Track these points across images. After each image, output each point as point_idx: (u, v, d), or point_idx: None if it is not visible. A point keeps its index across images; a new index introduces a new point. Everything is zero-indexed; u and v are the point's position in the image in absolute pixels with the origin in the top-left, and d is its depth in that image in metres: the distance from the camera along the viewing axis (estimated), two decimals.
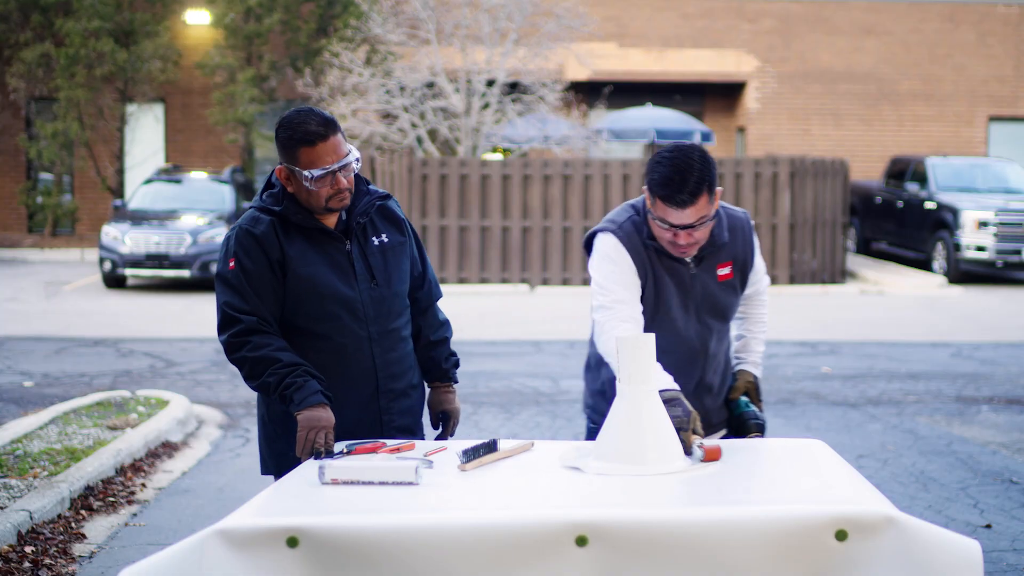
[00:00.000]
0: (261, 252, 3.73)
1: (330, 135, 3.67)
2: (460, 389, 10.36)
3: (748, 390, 4.08)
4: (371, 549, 2.83)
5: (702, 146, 3.73)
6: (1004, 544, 6.23)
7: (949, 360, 12.35)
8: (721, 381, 4.04)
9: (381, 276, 3.86)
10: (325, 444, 3.58)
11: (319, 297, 3.77)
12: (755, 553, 2.82)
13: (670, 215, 3.65)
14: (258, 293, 3.73)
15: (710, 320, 3.90)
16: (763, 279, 4.14)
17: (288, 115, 3.74)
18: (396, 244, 3.92)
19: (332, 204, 3.73)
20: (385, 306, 3.86)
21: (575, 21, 20.54)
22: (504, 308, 16.48)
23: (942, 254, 19.85)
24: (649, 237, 3.80)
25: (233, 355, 3.73)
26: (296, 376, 3.65)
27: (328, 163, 3.67)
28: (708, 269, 3.88)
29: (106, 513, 6.83)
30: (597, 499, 3.09)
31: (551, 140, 20.26)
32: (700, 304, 3.88)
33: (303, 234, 3.78)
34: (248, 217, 3.80)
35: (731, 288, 3.94)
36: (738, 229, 3.94)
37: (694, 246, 3.74)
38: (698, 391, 3.93)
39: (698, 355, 3.90)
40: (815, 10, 26.04)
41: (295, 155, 3.68)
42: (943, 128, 26.32)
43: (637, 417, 3.31)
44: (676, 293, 3.84)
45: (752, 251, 3.99)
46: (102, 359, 12.15)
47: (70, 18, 22.65)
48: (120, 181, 24.22)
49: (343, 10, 22.89)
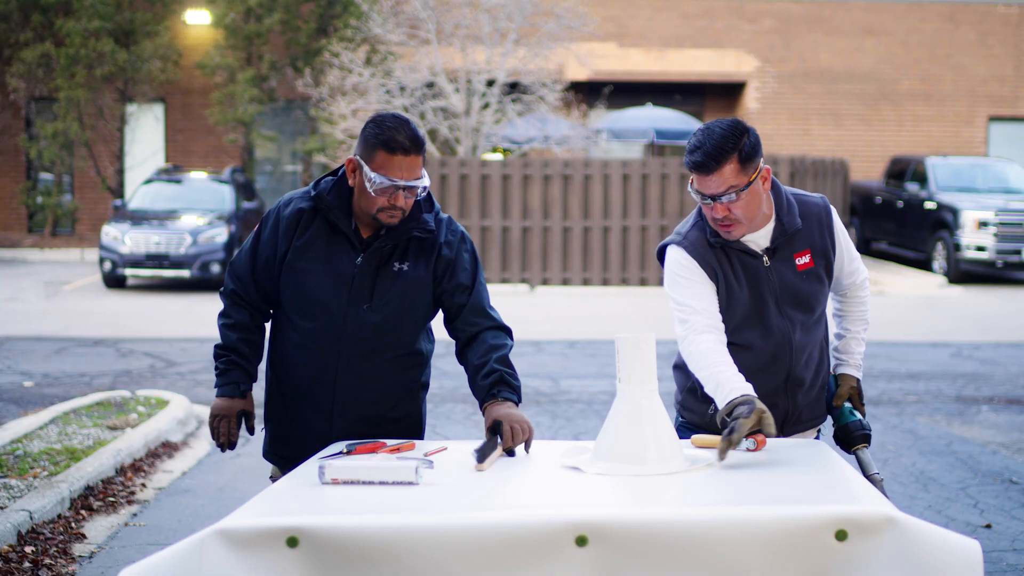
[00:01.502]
0: (274, 232, 3.81)
1: (412, 153, 3.62)
2: (461, 389, 10.36)
3: (851, 395, 3.96)
4: (371, 549, 2.83)
5: (742, 120, 3.68)
6: (1004, 544, 6.23)
7: (949, 360, 12.35)
8: (815, 375, 3.90)
9: (380, 301, 3.75)
10: (228, 433, 3.91)
11: (301, 294, 3.78)
12: (755, 553, 2.82)
13: (698, 183, 3.63)
14: (261, 264, 3.84)
15: (793, 312, 3.78)
16: (859, 270, 3.97)
17: (383, 115, 3.70)
18: (415, 278, 3.78)
19: (381, 217, 3.67)
20: (369, 330, 3.75)
21: (575, 21, 20.54)
22: (504, 308, 16.40)
23: (942, 254, 19.85)
24: (713, 235, 3.74)
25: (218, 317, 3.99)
26: (221, 362, 3.93)
27: (399, 177, 3.62)
28: (784, 260, 3.77)
29: (106, 513, 6.83)
30: (597, 499, 3.09)
31: (551, 140, 20.26)
32: (780, 297, 3.76)
33: (327, 229, 3.76)
34: (290, 195, 3.88)
35: (815, 277, 3.80)
36: (812, 216, 3.81)
37: (736, 224, 3.65)
38: (788, 386, 3.82)
39: (783, 349, 3.78)
40: (815, 10, 26.04)
41: (372, 153, 3.64)
42: (943, 128, 26.32)
43: (637, 417, 3.31)
44: (751, 289, 3.75)
45: (832, 237, 3.83)
46: (102, 359, 12.15)
47: (70, 18, 22.65)
48: (120, 181, 24.23)
49: (343, 10, 22.89)
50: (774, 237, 3.75)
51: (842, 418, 3.93)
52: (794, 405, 3.85)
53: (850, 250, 3.92)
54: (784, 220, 3.75)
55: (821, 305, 3.86)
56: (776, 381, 3.79)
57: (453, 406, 9.73)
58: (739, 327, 3.75)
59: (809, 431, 3.97)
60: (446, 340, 4.13)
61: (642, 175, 18.83)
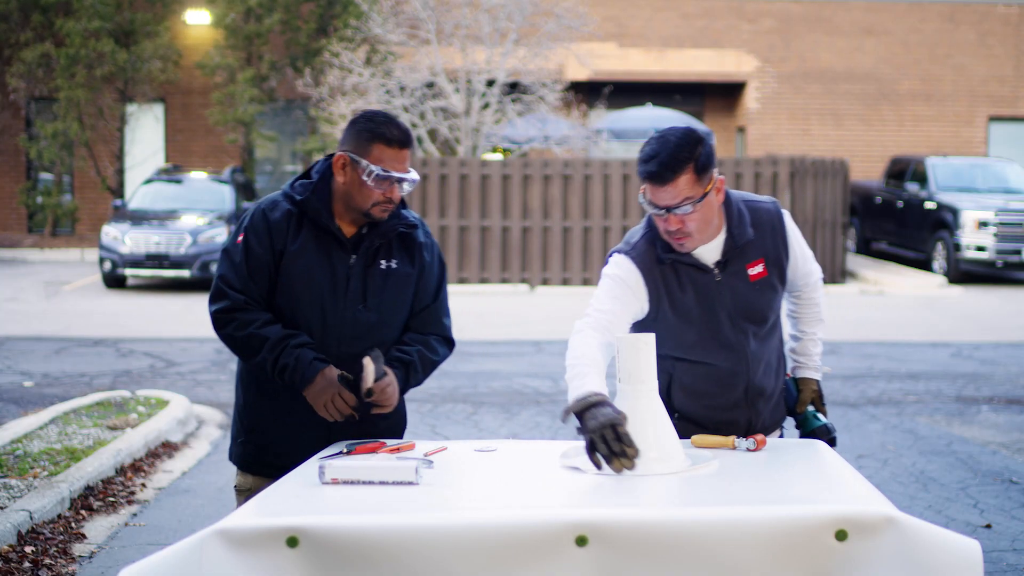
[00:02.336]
0: (267, 237, 3.72)
1: (407, 147, 3.69)
2: (461, 389, 10.38)
3: (813, 399, 3.90)
4: (371, 549, 2.83)
5: (697, 129, 3.58)
6: (1004, 544, 6.23)
7: (949, 360, 12.35)
8: (775, 382, 3.83)
9: (373, 301, 3.76)
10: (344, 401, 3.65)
11: (300, 299, 3.73)
12: (755, 553, 2.82)
13: (651, 193, 3.53)
14: (252, 275, 3.72)
15: (746, 324, 3.69)
16: (813, 272, 3.88)
17: (372, 111, 3.74)
18: (403, 275, 3.81)
19: (375, 211, 3.69)
20: (365, 330, 3.76)
21: (575, 21, 20.54)
22: (504, 308, 16.48)
23: (942, 254, 19.85)
24: (665, 250, 3.65)
25: (220, 331, 3.75)
26: (287, 357, 3.66)
27: (396, 169, 3.66)
28: (736, 272, 3.67)
29: (106, 513, 6.83)
30: (597, 499, 3.09)
31: (551, 140, 20.27)
32: (733, 311, 3.67)
33: (314, 233, 3.73)
34: (270, 200, 3.79)
35: (768, 286, 3.71)
36: (765, 223, 3.71)
37: (687, 237, 3.57)
38: (749, 397, 3.75)
39: (739, 363, 3.71)
40: (815, 10, 26.05)
41: (368, 148, 3.65)
42: (943, 128, 26.32)
43: (637, 417, 3.31)
44: (700, 304, 3.66)
45: (786, 244, 3.74)
46: (102, 359, 12.15)
47: (70, 18, 22.66)
48: (120, 181, 24.23)
49: (343, 10, 22.90)
50: (725, 250, 3.66)
51: (807, 423, 3.86)
52: (756, 415, 3.78)
53: (804, 253, 3.82)
54: (735, 232, 3.65)
55: (775, 313, 3.78)
56: (736, 394, 3.73)
57: (453, 406, 9.73)
58: (693, 344, 3.69)
59: (772, 435, 3.89)
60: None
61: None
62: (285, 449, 3.78)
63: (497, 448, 3.62)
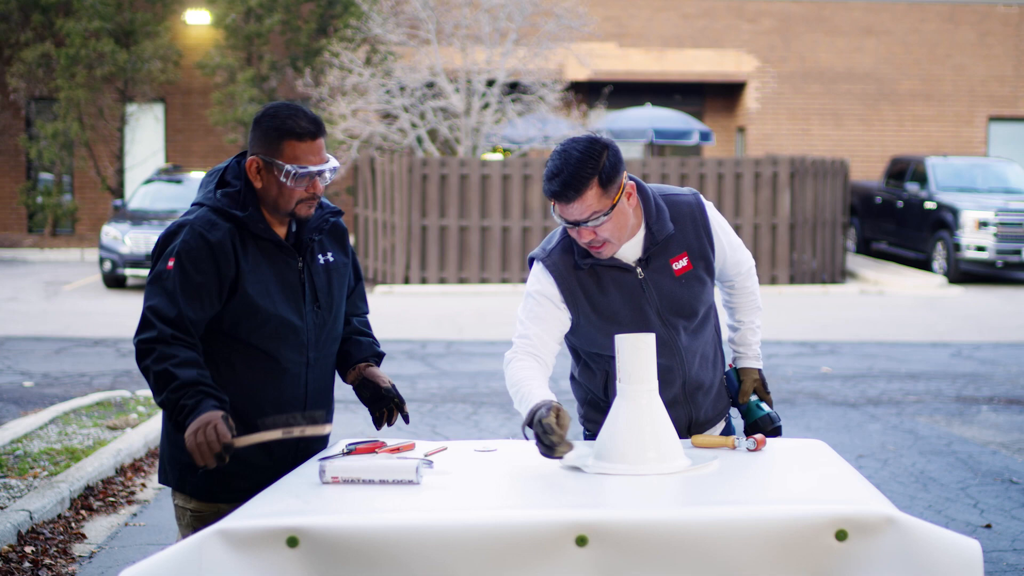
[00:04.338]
0: (212, 262, 3.42)
1: (319, 136, 3.47)
2: (461, 389, 10.36)
3: (756, 388, 3.86)
4: (371, 549, 2.83)
5: (601, 137, 3.49)
6: (1004, 544, 6.23)
7: (949, 360, 12.35)
8: (713, 373, 3.79)
9: (324, 299, 3.61)
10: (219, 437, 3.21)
11: (264, 317, 3.48)
12: (755, 553, 2.82)
13: (560, 210, 3.48)
14: (190, 302, 3.39)
15: (676, 319, 3.64)
16: (743, 260, 3.82)
17: (274, 105, 3.51)
18: (340, 265, 3.68)
19: (299, 209, 3.48)
20: (326, 331, 3.62)
21: (575, 21, 20.54)
22: (504, 308, 16.46)
23: (942, 254, 19.85)
24: (582, 255, 3.58)
25: (140, 362, 3.41)
26: (188, 398, 3.30)
27: (313, 163, 3.45)
28: (660, 268, 3.62)
29: (106, 513, 6.83)
30: (597, 499, 3.09)
31: (551, 140, 20.25)
32: (660, 307, 3.62)
33: (258, 245, 3.50)
34: (203, 219, 3.46)
35: (695, 279, 3.65)
36: (685, 216, 3.65)
37: (605, 244, 3.51)
38: (687, 392, 3.72)
39: (673, 358, 3.66)
40: (815, 10, 26.04)
41: (278, 147, 3.43)
42: (943, 128, 26.32)
43: (637, 417, 3.31)
44: (627, 303, 3.62)
45: (709, 235, 3.68)
46: (102, 359, 12.15)
47: (70, 18, 22.66)
48: (120, 181, 24.23)
49: (343, 10, 22.90)
50: (646, 247, 3.61)
51: (751, 414, 3.83)
52: (696, 409, 3.75)
53: (731, 242, 3.75)
54: (654, 228, 3.60)
55: (706, 305, 3.72)
56: (673, 391, 3.68)
57: (453, 406, 9.72)
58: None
59: (712, 429, 3.86)
60: (445, 340, 4.14)
61: (642, 175, 18.81)
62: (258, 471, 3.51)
63: (497, 448, 3.62)
